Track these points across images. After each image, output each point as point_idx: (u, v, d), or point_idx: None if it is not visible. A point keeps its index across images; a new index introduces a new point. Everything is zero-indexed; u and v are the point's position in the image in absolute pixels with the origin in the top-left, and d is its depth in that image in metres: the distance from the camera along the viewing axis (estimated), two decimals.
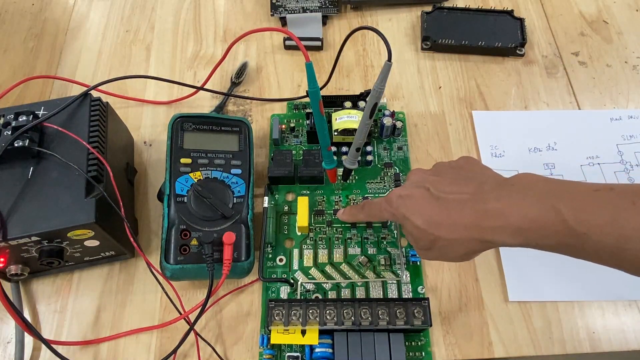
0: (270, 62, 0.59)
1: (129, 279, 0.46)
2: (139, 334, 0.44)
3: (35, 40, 0.61)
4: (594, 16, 0.63)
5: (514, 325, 0.44)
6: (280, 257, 0.46)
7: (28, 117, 0.41)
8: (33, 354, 0.43)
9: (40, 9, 0.64)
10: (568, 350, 0.43)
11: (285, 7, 0.60)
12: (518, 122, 0.55)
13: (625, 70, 0.58)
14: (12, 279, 0.43)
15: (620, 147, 0.53)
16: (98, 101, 0.44)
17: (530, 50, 0.60)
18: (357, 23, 0.63)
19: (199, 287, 0.46)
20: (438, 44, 0.59)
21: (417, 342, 0.42)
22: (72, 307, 0.45)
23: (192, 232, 0.42)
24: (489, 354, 0.43)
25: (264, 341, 0.42)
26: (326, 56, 0.60)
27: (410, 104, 0.56)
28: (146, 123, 0.55)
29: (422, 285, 0.45)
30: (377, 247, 0.47)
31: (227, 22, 0.63)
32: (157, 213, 0.49)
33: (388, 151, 0.52)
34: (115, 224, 0.42)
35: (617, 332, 0.44)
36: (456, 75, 0.58)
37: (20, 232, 0.38)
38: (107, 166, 0.41)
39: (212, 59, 0.59)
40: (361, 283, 0.45)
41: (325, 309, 0.39)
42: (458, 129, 0.54)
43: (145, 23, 0.62)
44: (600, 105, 0.56)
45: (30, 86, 0.57)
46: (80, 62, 0.59)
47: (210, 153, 0.46)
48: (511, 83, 0.57)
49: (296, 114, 0.55)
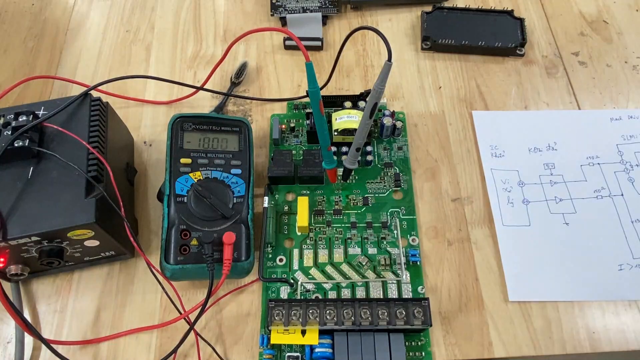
0: (270, 62, 0.59)
1: (129, 279, 0.46)
2: (139, 333, 0.44)
3: (35, 40, 0.61)
4: (594, 16, 0.63)
5: (514, 325, 0.44)
6: (280, 257, 0.46)
7: (28, 117, 0.41)
8: (33, 354, 0.43)
9: (40, 9, 0.64)
10: (568, 350, 0.43)
11: (285, 7, 0.60)
12: (518, 122, 0.55)
13: (625, 70, 0.58)
14: (12, 279, 0.43)
15: (620, 147, 0.53)
16: (98, 101, 0.44)
17: (530, 50, 0.60)
18: (357, 23, 0.63)
19: (199, 287, 0.46)
20: (438, 44, 0.59)
21: (417, 342, 0.42)
22: (72, 307, 0.45)
23: (192, 232, 0.42)
24: (489, 354, 0.43)
25: (264, 341, 0.42)
26: (326, 56, 0.60)
27: (410, 104, 0.56)
28: (146, 123, 0.55)
29: (422, 285, 0.45)
30: (377, 247, 0.47)
31: (227, 22, 0.63)
32: (157, 213, 0.49)
33: (388, 151, 0.52)
34: (115, 224, 0.42)
35: (617, 332, 0.44)
36: (456, 75, 0.58)
37: (20, 232, 0.38)
38: (107, 166, 0.41)
39: (212, 59, 0.59)
40: (361, 283, 0.45)
41: (325, 309, 0.39)
42: (458, 129, 0.54)
43: (145, 23, 0.62)
44: (600, 105, 0.56)
45: (30, 86, 0.57)
46: (80, 62, 0.59)
47: (210, 153, 0.46)
48: (511, 83, 0.57)
49: (296, 114, 0.55)
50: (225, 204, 0.44)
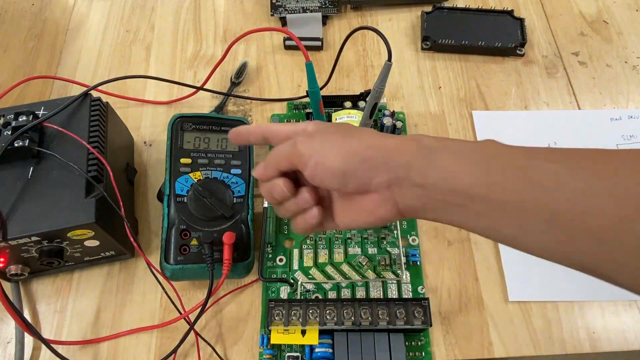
0: (270, 62, 0.59)
1: (129, 279, 0.46)
2: (139, 333, 0.44)
3: (35, 40, 0.61)
4: (594, 16, 0.63)
5: (514, 325, 0.44)
6: (280, 257, 0.46)
7: (28, 117, 0.41)
8: (33, 353, 0.43)
9: (40, 9, 0.64)
10: (568, 350, 0.43)
11: (285, 7, 0.60)
12: (518, 122, 0.55)
13: (625, 70, 0.58)
14: (12, 279, 0.43)
15: (621, 147, 0.53)
16: (98, 101, 0.44)
17: (530, 50, 0.60)
18: (357, 23, 0.63)
19: (199, 287, 0.46)
20: (438, 44, 0.59)
21: (417, 342, 0.42)
22: (72, 307, 0.45)
23: (192, 232, 0.42)
24: (489, 354, 0.43)
25: (264, 341, 0.42)
26: (326, 56, 0.60)
27: (410, 104, 0.56)
28: (146, 123, 0.55)
29: (422, 285, 0.45)
30: (377, 247, 0.47)
31: (227, 22, 0.63)
32: (157, 213, 0.49)
33: None
34: (115, 224, 0.42)
35: (617, 332, 0.43)
36: (456, 75, 0.58)
37: (20, 232, 0.38)
38: (107, 166, 0.41)
39: (212, 59, 0.59)
40: (361, 283, 0.45)
41: (325, 309, 0.39)
42: (458, 129, 0.54)
43: (145, 23, 0.62)
44: (600, 105, 0.56)
45: (30, 86, 0.57)
46: (80, 62, 0.59)
47: (210, 153, 0.46)
48: (511, 83, 0.57)
49: (296, 114, 0.55)
50: (225, 204, 0.44)
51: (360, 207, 0.32)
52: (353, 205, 0.33)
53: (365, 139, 0.31)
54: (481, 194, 0.27)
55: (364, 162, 0.30)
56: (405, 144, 0.30)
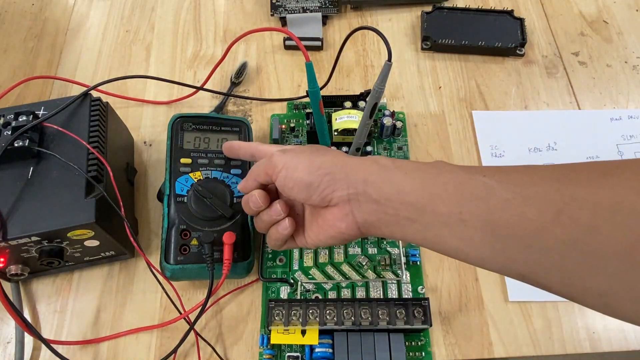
0: (270, 62, 0.59)
1: (129, 279, 0.46)
2: (139, 333, 0.44)
3: (35, 40, 0.61)
4: (594, 16, 0.63)
5: (514, 325, 0.44)
6: (280, 257, 0.46)
7: (28, 117, 0.41)
8: (33, 353, 0.43)
9: (40, 9, 0.64)
10: (568, 350, 0.43)
11: (285, 7, 0.60)
12: (518, 122, 0.55)
13: (625, 70, 0.58)
14: (12, 279, 0.43)
15: (620, 147, 0.53)
16: (98, 101, 0.44)
17: (530, 50, 0.60)
18: (357, 23, 0.63)
19: (199, 287, 0.46)
20: (438, 44, 0.59)
21: (417, 342, 0.42)
22: (72, 307, 0.45)
23: (192, 232, 0.42)
24: (489, 354, 0.43)
25: (264, 341, 0.42)
26: (326, 56, 0.60)
27: (410, 104, 0.56)
28: (146, 123, 0.55)
29: (422, 285, 0.45)
30: (377, 247, 0.47)
31: (227, 22, 0.63)
32: (157, 213, 0.49)
33: (388, 151, 0.52)
34: (115, 224, 0.42)
35: (617, 332, 0.43)
36: (456, 75, 0.58)
37: (20, 232, 0.38)
38: (107, 166, 0.41)
39: (212, 59, 0.59)
40: (361, 283, 0.45)
41: (325, 309, 0.39)
42: (458, 129, 0.54)
43: (145, 23, 0.62)
44: (600, 105, 0.56)
45: (30, 86, 0.57)
46: (80, 62, 0.59)
47: (210, 153, 0.46)
48: (511, 83, 0.57)
49: (296, 114, 0.55)
50: (225, 204, 0.44)
51: (324, 221, 0.36)
52: (319, 219, 0.36)
53: (330, 157, 0.35)
54: (427, 206, 0.30)
55: (327, 176, 0.34)
56: (365, 163, 0.34)
